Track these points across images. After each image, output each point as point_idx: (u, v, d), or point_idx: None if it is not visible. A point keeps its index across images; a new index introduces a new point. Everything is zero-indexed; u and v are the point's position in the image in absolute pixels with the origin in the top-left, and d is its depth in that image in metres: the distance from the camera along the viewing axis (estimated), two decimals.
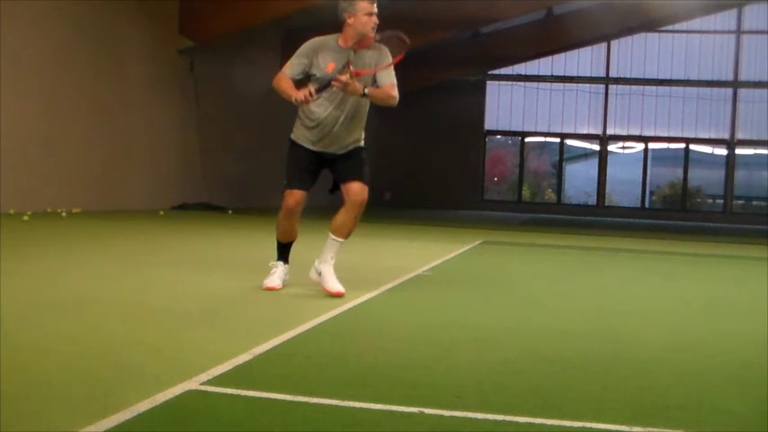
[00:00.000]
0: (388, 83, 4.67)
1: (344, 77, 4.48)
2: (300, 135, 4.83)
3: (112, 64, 13.84)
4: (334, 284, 4.71)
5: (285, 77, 4.69)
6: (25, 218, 10.16)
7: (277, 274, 4.95)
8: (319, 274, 4.80)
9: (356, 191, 4.77)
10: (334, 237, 4.80)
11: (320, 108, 4.70)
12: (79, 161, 12.98)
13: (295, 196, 4.81)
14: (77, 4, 12.75)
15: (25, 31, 11.62)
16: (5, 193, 10.94)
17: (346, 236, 4.83)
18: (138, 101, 14.62)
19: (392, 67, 4.70)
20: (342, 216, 4.80)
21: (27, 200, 11.44)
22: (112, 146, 13.86)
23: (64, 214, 11.56)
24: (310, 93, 4.52)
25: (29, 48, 11.74)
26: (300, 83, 4.71)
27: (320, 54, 4.65)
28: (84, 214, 12.00)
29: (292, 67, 4.69)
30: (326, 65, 4.61)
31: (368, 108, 4.86)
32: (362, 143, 4.93)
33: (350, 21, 4.62)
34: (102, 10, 13.40)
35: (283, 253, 5.03)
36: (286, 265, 5.01)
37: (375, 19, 4.63)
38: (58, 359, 2.95)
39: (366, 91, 4.55)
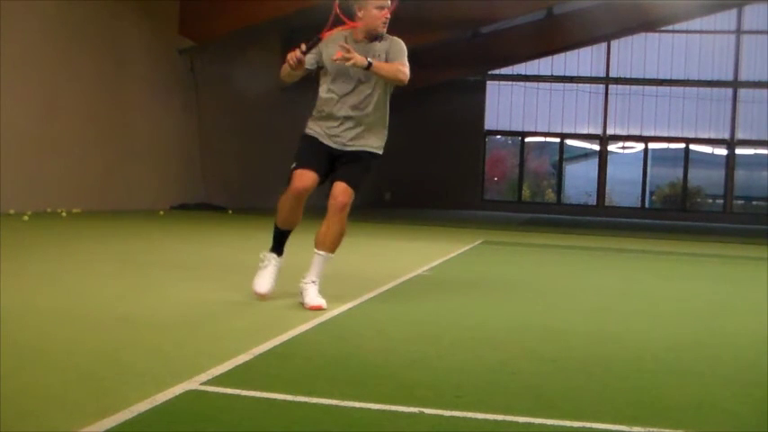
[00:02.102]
0: (398, 60, 4.42)
1: (344, 48, 4.23)
2: (312, 127, 4.58)
3: (112, 64, 13.84)
4: (313, 298, 4.31)
5: None
6: (25, 218, 10.16)
7: (267, 272, 4.51)
8: (301, 293, 4.39)
9: (336, 192, 4.42)
10: (316, 251, 4.41)
11: (331, 95, 4.49)
12: (79, 161, 12.98)
13: (305, 177, 4.39)
14: (78, 4, 12.75)
15: (26, 32, 11.62)
16: (5, 193, 10.94)
17: (330, 249, 4.42)
18: (138, 101, 14.62)
19: (405, 51, 4.45)
20: (323, 227, 4.43)
21: (27, 200, 11.44)
22: (112, 146, 13.86)
23: (64, 214, 11.56)
24: (300, 50, 4.31)
25: (29, 48, 11.74)
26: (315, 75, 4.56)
27: (330, 46, 4.45)
28: (84, 214, 12.00)
29: None
30: (335, 54, 4.36)
31: (386, 106, 4.57)
32: (377, 151, 4.56)
33: (360, 14, 4.43)
34: (103, 10, 13.40)
35: (279, 243, 4.57)
36: (279, 258, 4.57)
37: (387, 13, 4.42)
38: (57, 359, 2.95)
39: (369, 59, 4.27)
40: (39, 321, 3.68)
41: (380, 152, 4.61)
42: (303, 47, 4.34)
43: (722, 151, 25.91)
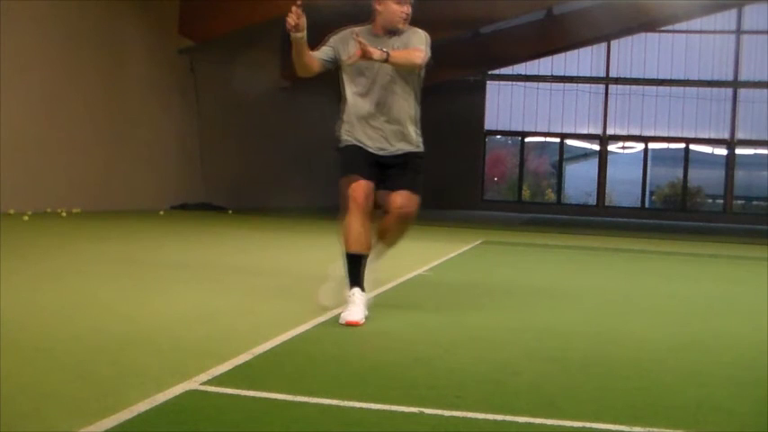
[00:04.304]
0: (414, 47, 4.27)
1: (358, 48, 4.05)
2: (347, 135, 4.37)
3: (112, 64, 13.84)
4: (324, 298, 4.31)
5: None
6: (25, 218, 10.16)
7: (357, 303, 3.95)
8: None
9: (400, 202, 4.22)
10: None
11: (354, 97, 4.36)
12: (79, 161, 12.98)
13: (362, 186, 4.10)
14: (77, 4, 12.75)
15: (25, 31, 11.62)
16: (5, 193, 10.94)
17: (389, 244, 4.35)
18: (138, 101, 14.61)
19: (427, 41, 4.33)
20: (384, 221, 4.28)
21: (27, 200, 11.44)
22: (112, 146, 13.86)
23: (64, 214, 11.56)
24: (297, 5, 4.09)
25: (29, 48, 11.73)
26: (334, 70, 4.42)
27: (350, 42, 4.29)
28: (84, 214, 12.00)
29: (319, 51, 4.38)
30: (354, 52, 4.16)
31: (412, 96, 4.43)
32: (418, 148, 4.41)
33: (379, 8, 4.32)
34: (102, 10, 13.40)
35: (356, 272, 4.04)
36: (364, 294, 4.03)
37: (407, 9, 4.31)
38: (57, 359, 2.95)
39: (384, 48, 4.10)
40: (38, 321, 3.68)
41: (422, 148, 4.44)
42: (299, 2, 4.11)
43: (722, 151, 25.89)
